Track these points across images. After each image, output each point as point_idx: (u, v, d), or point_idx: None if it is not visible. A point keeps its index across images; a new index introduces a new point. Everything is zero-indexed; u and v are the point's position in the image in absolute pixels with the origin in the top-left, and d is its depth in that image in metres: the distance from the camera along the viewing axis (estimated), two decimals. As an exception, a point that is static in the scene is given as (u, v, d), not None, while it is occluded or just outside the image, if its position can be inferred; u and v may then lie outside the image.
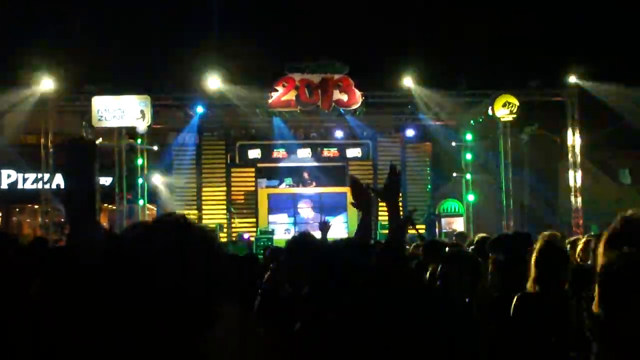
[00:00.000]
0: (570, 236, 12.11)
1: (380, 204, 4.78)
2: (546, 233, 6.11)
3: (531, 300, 5.05)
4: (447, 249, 7.15)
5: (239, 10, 26.02)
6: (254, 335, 3.84)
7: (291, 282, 5.03)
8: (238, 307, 4.15)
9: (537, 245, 5.31)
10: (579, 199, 24.18)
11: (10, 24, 25.85)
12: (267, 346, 3.66)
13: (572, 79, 23.56)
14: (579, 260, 8.09)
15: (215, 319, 2.29)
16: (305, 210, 26.82)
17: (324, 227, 6.81)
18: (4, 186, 31.00)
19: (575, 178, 24.26)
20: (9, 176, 30.96)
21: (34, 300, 4.66)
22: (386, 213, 4.35)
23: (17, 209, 33.05)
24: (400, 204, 18.36)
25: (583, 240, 9.06)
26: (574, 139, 24.28)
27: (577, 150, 24.28)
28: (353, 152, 27.93)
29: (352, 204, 5.02)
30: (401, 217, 4.59)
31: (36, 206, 28.93)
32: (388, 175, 4.56)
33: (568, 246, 10.80)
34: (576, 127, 24.20)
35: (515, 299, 5.11)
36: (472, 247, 9.10)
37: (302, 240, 5.71)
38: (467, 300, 5.22)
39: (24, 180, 30.82)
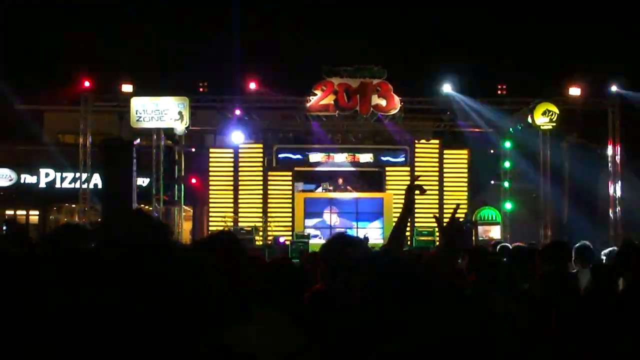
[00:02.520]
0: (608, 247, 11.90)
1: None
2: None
3: None
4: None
5: (280, 13, 25.99)
6: (296, 341, 3.75)
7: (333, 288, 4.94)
8: (279, 313, 4.06)
9: None
10: (618, 210, 23.91)
11: (50, 25, 26.03)
12: (310, 354, 3.57)
13: (614, 88, 23.31)
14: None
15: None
16: (342, 215, 26.70)
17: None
18: (42, 185, 31.20)
19: (615, 188, 24.00)
20: (47, 175, 31.15)
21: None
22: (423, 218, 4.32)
23: (55, 208, 33.26)
24: (437, 211, 18.08)
25: None
26: (614, 149, 24.03)
27: (618, 160, 24.02)
28: (390, 158, 27.78)
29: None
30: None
31: (73, 205, 29.13)
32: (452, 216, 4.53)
33: (604, 257, 10.70)
34: (617, 137, 23.95)
35: None
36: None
37: (341, 241, 5.52)
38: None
39: (62, 179, 30.98)
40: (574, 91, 22.97)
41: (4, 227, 16.45)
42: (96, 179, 27.76)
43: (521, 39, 20.83)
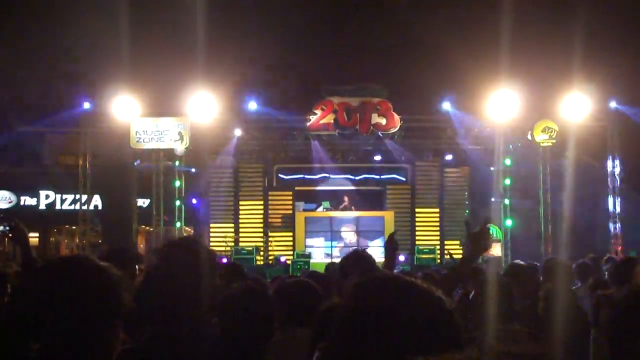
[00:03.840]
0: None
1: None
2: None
3: None
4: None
5: (278, 33, 26.04)
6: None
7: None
8: (310, 332, 4.06)
9: None
10: (618, 225, 23.91)
11: (49, 45, 26.06)
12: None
13: (613, 105, 23.36)
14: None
15: None
16: (346, 234, 26.69)
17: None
18: (42, 207, 31.18)
19: (615, 204, 24.00)
20: (47, 197, 31.14)
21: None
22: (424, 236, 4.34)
23: (55, 230, 33.22)
24: (437, 229, 18.11)
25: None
26: (614, 165, 24.05)
27: (617, 176, 24.05)
28: (391, 176, 27.80)
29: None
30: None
31: (74, 227, 29.09)
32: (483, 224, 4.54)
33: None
34: (616, 153, 23.98)
35: None
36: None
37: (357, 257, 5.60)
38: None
39: (62, 201, 30.98)
40: (574, 107, 22.94)
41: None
42: (96, 201, 27.78)
43: (521, 54, 20.84)
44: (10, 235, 5.83)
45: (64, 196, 30.78)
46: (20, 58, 25.96)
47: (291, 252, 25.75)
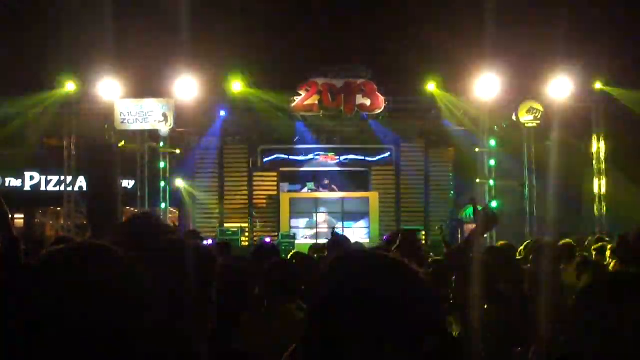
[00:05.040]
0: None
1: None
2: None
3: None
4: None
5: (263, 14, 25.93)
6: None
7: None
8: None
9: None
10: (604, 207, 23.98)
11: (33, 26, 25.91)
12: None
13: (598, 85, 23.36)
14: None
15: None
16: (330, 216, 26.69)
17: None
18: (27, 188, 31.09)
19: (600, 186, 24.07)
20: (32, 178, 31.06)
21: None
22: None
23: (40, 211, 33.16)
24: (422, 210, 18.22)
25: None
26: (599, 146, 24.11)
27: (602, 157, 24.10)
28: (376, 157, 27.79)
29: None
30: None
31: (59, 208, 29.03)
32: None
33: (594, 252, 10.77)
34: (601, 134, 24.03)
35: None
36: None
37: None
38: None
39: (47, 182, 30.91)
40: (559, 88, 22.93)
41: None
42: (81, 182, 27.68)
43: (505, 35, 20.79)
44: None
45: (49, 177, 30.70)
46: (3, 39, 25.78)
47: (276, 234, 25.75)
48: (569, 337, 2.61)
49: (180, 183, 26.71)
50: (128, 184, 27.86)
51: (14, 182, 31.04)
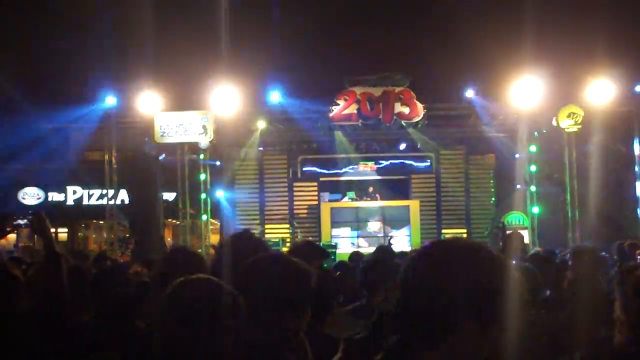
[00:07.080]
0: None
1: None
2: None
3: None
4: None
5: (300, 24, 26.01)
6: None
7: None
8: None
9: None
10: (645, 211, 23.72)
11: (73, 41, 26.18)
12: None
13: (639, 89, 23.10)
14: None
15: None
16: (371, 224, 26.67)
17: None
18: (70, 202, 31.42)
19: (641, 189, 23.83)
20: (74, 192, 31.40)
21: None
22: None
23: (83, 225, 33.48)
24: (463, 217, 18.19)
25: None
26: (640, 149, 23.88)
27: (644, 160, 23.86)
28: (416, 165, 27.74)
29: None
30: None
31: (101, 222, 29.29)
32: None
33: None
34: (643, 137, 23.79)
35: None
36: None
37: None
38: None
39: (89, 196, 31.24)
40: (600, 92, 22.68)
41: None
42: (123, 195, 27.92)
43: (545, 40, 20.65)
44: (32, 225, 5.59)
45: (91, 191, 31.00)
46: (44, 54, 26.09)
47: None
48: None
49: (220, 194, 26.82)
50: (169, 196, 28.00)
51: (57, 197, 31.38)
